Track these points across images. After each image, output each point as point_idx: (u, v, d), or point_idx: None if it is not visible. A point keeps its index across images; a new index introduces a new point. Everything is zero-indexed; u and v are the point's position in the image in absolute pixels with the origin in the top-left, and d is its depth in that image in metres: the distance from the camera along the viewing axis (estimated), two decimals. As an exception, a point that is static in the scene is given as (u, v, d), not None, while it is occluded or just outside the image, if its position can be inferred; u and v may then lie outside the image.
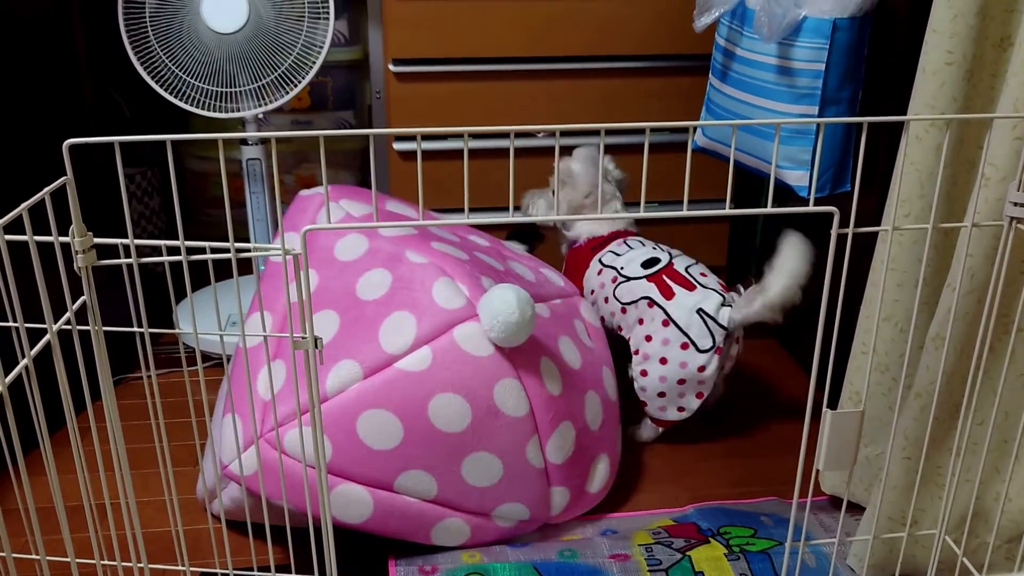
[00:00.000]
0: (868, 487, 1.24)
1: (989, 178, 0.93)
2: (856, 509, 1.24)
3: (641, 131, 1.66)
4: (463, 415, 1.10)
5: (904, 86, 1.08)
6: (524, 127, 0.77)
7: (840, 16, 1.27)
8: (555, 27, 1.62)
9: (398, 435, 1.09)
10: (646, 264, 1.41)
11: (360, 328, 1.13)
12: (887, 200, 1.10)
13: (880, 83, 1.34)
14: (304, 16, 1.46)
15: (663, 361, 1.35)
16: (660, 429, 1.45)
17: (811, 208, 0.82)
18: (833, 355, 0.89)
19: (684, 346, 1.33)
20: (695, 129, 1.59)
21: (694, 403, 1.38)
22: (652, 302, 1.36)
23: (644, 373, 1.37)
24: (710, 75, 1.52)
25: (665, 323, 1.35)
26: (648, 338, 1.36)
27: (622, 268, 1.43)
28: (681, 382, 1.35)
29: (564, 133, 1.65)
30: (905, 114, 1.07)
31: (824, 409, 0.91)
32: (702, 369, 1.34)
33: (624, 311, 1.40)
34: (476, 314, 1.13)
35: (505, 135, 1.65)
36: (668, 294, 1.36)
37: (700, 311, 1.33)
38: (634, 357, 1.39)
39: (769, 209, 0.82)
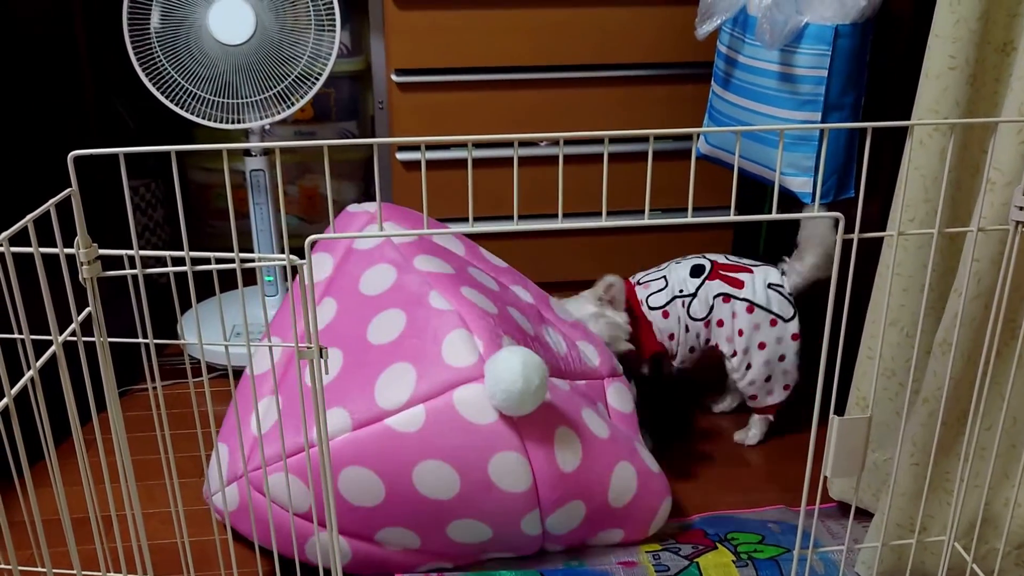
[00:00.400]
0: (876, 493, 1.23)
1: (994, 182, 0.93)
2: (864, 515, 1.24)
3: (644, 139, 1.66)
4: (450, 485, 1.03)
5: (907, 91, 1.08)
6: (528, 136, 0.77)
7: (842, 22, 1.27)
8: (558, 36, 1.62)
9: (380, 495, 1.04)
10: (695, 272, 1.43)
11: (360, 374, 1.08)
12: (892, 205, 1.10)
13: (883, 88, 1.34)
14: (310, 27, 1.47)
15: (761, 346, 1.39)
16: (771, 418, 1.48)
17: (816, 214, 0.82)
18: (840, 361, 0.88)
19: (773, 323, 1.38)
20: (698, 136, 1.59)
21: (793, 374, 1.42)
22: (727, 297, 1.39)
23: (749, 366, 1.40)
24: (712, 82, 1.52)
25: (749, 309, 1.38)
26: (740, 332, 1.39)
27: (680, 290, 1.43)
28: (782, 358, 1.40)
29: (568, 141, 1.66)
30: (908, 119, 1.06)
31: (831, 415, 0.90)
32: (796, 337, 1.39)
33: (707, 325, 1.42)
34: (483, 375, 1.04)
35: (508, 144, 1.65)
36: (737, 284, 1.40)
37: (770, 285, 1.39)
38: (731, 361, 1.41)
39: (774, 215, 0.82)
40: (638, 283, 1.47)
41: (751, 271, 1.41)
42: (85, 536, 1.01)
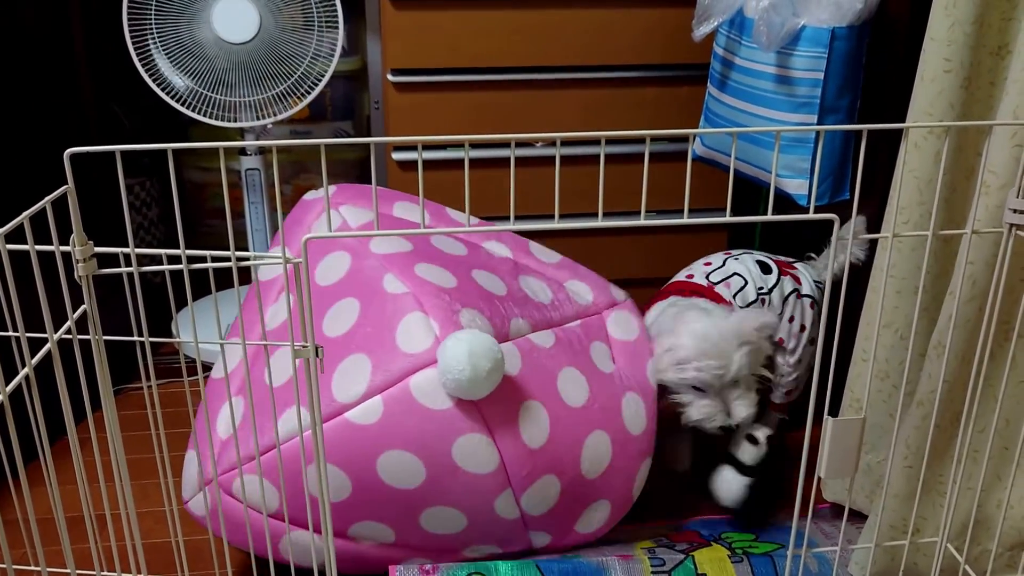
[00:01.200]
0: (870, 495, 1.24)
1: (989, 185, 0.93)
2: (858, 517, 1.24)
3: (641, 140, 1.67)
4: (415, 473, 1.02)
5: (903, 95, 1.08)
6: (524, 135, 0.77)
7: (838, 25, 1.28)
8: (555, 36, 1.62)
9: (346, 489, 1.03)
10: (764, 269, 1.40)
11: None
12: (886, 208, 1.10)
13: (879, 92, 1.35)
14: (311, 27, 1.47)
15: (813, 341, 1.38)
16: (786, 416, 1.47)
17: (811, 216, 0.82)
18: (834, 362, 0.89)
19: (819, 319, 1.38)
20: (694, 137, 1.59)
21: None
22: (799, 294, 1.39)
23: (800, 361, 1.39)
24: (708, 84, 1.52)
25: (812, 305, 1.39)
26: (803, 327, 1.39)
27: (759, 287, 1.36)
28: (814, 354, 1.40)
29: (564, 142, 1.66)
30: (904, 122, 1.07)
31: (825, 417, 0.91)
32: None
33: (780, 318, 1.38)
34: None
35: (504, 144, 1.65)
36: (799, 281, 1.40)
37: (816, 282, 1.40)
38: (790, 356, 1.38)
39: (770, 216, 0.82)
40: (715, 284, 1.36)
41: (797, 268, 1.41)
42: (79, 535, 1.01)
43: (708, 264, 1.41)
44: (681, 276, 1.41)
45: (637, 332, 1.26)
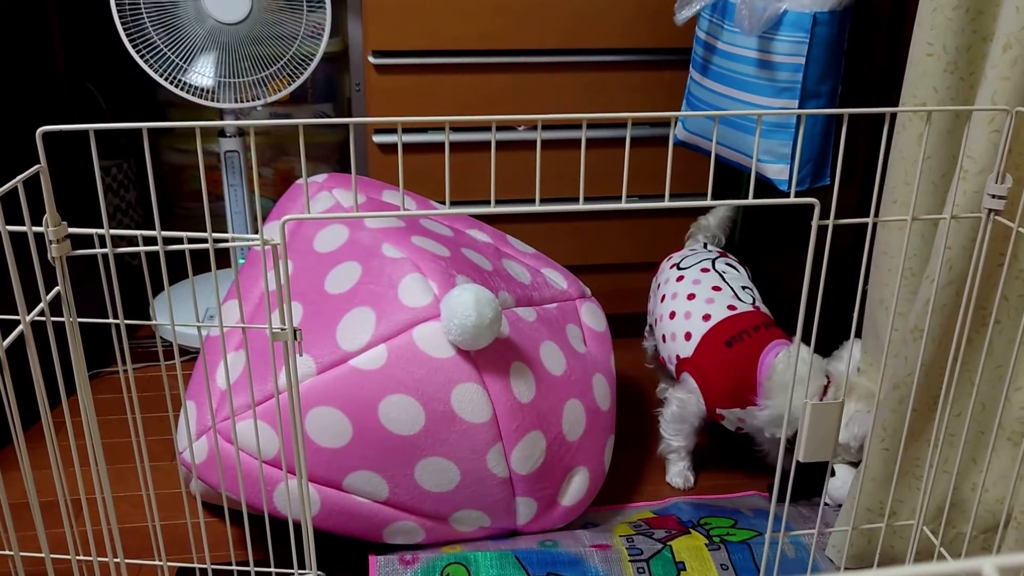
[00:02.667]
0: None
1: (967, 171, 0.93)
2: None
3: (622, 124, 1.66)
4: (416, 417, 1.07)
5: (885, 80, 1.08)
6: (505, 117, 0.76)
7: (820, 10, 1.28)
8: (537, 19, 1.61)
9: (347, 434, 1.07)
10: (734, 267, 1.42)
11: (320, 322, 1.11)
12: (873, 192, 1.11)
13: (861, 77, 1.35)
14: (300, 7, 1.46)
15: None
16: None
17: (792, 199, 0.82)
18: (814, 343, 0.89)
19: None
20: (676, 121, 1.59)
21: None
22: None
23: None
24: (691, 69, 1.52)
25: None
26: None
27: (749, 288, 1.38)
28: None
29: (545, 127, 1.65)
30: (886, 107, 1.07)
31: (804, 400, 0.91)
32: None
33: None
34: (439, 314, 1.09)
35: (486, 128, 1.65)
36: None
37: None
38: None
39: (751, 200, 0.82)
40: (756, 303, 1.35)
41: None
42: (55, 520, 1.00)
43: (718, 290, 1.36)
44: (720, 307, 1.33)
45: (605, 325, 1.35)
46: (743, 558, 1.10)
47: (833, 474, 1.26)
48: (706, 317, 1.32)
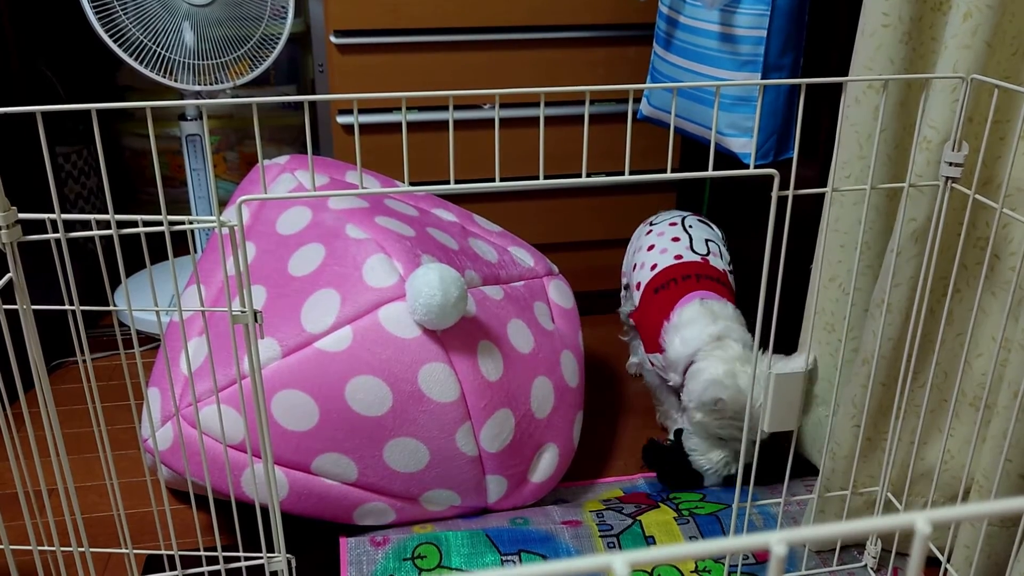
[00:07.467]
0: (821, 448, 1.25)
1: (930, 140, 0.94)
2: (812, 472, 1.26)
3: (582, 100, 1.65)
4: (383, 398, 1.06)
5: (846, 53, 1.08)
6: (463, 92, 0.76)
7: (781, -18, 1.27)
8: (499, -3, 1.60)
9: (314, 417, 1.06)
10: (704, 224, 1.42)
11: (285, 305, 1.10)
12: (836, 161, 1.11)
13: (822, 50, 1.35)
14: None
15: None
16: None
17: (752, 171, 0.82)
18: (776, 317, 0.89)
19: None
20: (642, 96, 1.58)
21: None
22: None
23: None
24: (654, 43, 1.51)
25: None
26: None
27: (714, 241, 1.39)
28: None
29: (506, 104, 1.64)
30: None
31: (768, 370, 0.91)
32: None
33: None
34: (404, 294, 1.09)
35: (453, 106, 1.63)
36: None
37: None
38: None
39: (711, 172, 0.82)
40: (705, 256, 1.36)
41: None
42: (18, 512, 0.99)
43: (676, 240, 1.38)
44: (668, 256, 1.35)
45: (573, 302, 1.35)
46: (712, 530, 1.11)
47: (679, 437, 1.24)
48: (653, 267, 1.34)
